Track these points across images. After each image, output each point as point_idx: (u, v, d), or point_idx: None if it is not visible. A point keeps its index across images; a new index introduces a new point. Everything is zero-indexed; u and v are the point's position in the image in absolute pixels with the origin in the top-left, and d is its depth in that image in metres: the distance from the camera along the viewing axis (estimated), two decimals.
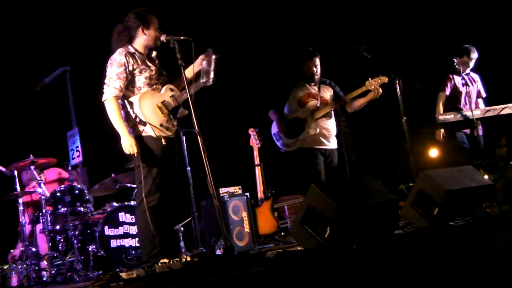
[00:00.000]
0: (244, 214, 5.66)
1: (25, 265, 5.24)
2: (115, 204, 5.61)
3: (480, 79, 6.25)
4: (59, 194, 5.48)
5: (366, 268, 2.86)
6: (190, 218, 5.98)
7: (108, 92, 4.02)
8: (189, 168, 5.70)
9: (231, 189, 5.88)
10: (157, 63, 4.24)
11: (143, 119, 3.99)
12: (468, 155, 5.98)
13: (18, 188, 5.49)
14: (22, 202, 5.46)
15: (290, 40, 7.87)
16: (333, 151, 5.44)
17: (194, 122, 3.76)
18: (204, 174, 3.67)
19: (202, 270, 3.06)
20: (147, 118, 4.00)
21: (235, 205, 5.72)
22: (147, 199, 3.97)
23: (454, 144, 6.10)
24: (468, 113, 5.61)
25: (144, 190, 4.00)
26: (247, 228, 5.62)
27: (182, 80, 3.98)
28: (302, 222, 3.45)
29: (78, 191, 5.54)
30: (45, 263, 5.30)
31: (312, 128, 5.32)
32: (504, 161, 6.61)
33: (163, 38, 4.05)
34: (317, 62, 5.43)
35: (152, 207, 3.98)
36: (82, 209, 5.50)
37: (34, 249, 5.45)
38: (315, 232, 3.37)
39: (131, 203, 5.57)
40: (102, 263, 5.18)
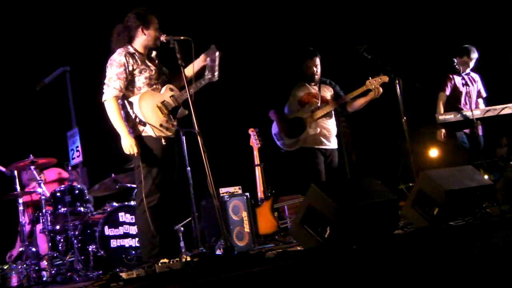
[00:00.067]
0: (244, 214, 5.66)
1: (25, 265, 5.24)
2: (115, 204, 5.62)
3: (480, 79, 6.25)
4: (59, 194, 5.48)
5: (366, 268, 2.86)
6: (190, 218, 5.98)
7: (108, 93, 4.02)
8: (189, 168, 5.69)
9: (231, 189, 5.87)
10: (157, 63, 4.24)
11: (143, 119, 3.99)
12: (468, 155, 5.98)
13: (18, 188, 5.49)
14: (22, 202, 5.46)
15: (290, 39, 7.87)
16: (333, 151, 5.44)
17: (194, 122, 3.76)
18: (204, 174, 3.67)
19: (202, 270, 3.06)
20: (147, 118, 4.00)
21: (235, 205, 5.72)
22: (147, 199, 3.97)
23: (454, 144, 6.10)
24: (468, 113, 5.62)
25: (144, 190, 4.00)
26: (247, 228, 5.62)
27: (182, 80, 3.98)
28: (302, 222, 3.45)
29: (78, 191, 5.54)
30: (45, 263, 5.30)
31: (312, 128, 5.31)
32: (504, 161, 6.60)
33: (163, 38, 4.05)
34: (317, 62, 5.43)
35: (152, 207, 3.98)
36: (82, 209, 5.50)
37: (34, 249, 5.45)
38: (315, 232, 3.37)
39: (131, 203, 5.57)
40: (102, 263, 5.18)
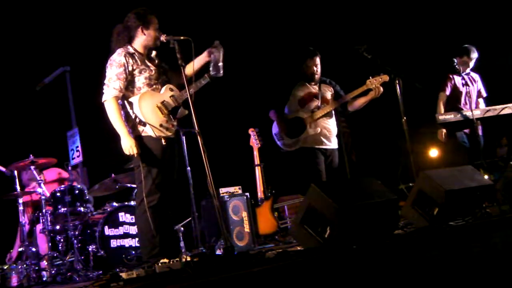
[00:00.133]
0: (244, 214, 5.66)
1: (25, 265, 5.24)
2: (115, 204, 5.62)
3: (481, 79, 6.25)
4: (59, 194, 5.48)
5: (366, 268, 2.86)
6: (190, 218, 5.97)
7: (108, 93, 4.01)
8: (189, 168, 5.69)
9: (231, 189, 5.87)
10: (156, 63, 4.24)
11: (142, 120, 3.99)
12: (468, 155, 5.98)
13: (18, 188, 5.49)
14: (22, 202, 5.46)
15: (290, 39, 7.86)
16: (333, 151, 5.43)
17: (194, 122, 3.76)
18: (204, 174, 3.67)
19: (202, 270, 3.06)
20: (147, 118, 4.00)
21: (235, 205, 5.72)
22: (147, 199, 3.97)
23: (454, 144, 6.10)
24: (468, 113, 5.61)
25: (144, 190, 4.00)
26: (247, 228, 5.62)
27: (182, 78, 3.98)
28: (302, 222, 3.45)
29: (78, 191, 5.54)
30: (45, 263, 5.30)
31: (312, 127, 5.31)
32: (504, 161, 6.61)
33: (163, 38, 4.05)
34: (317, 62, 5.43)
35: (152, 207, 3.98)
36: (82, 209, 5.50)
37: (34, 249, 5.45)
38: (315, 232, 3.37)
39: (131, 203, 5.57)
40: (102, 263, 5.18)
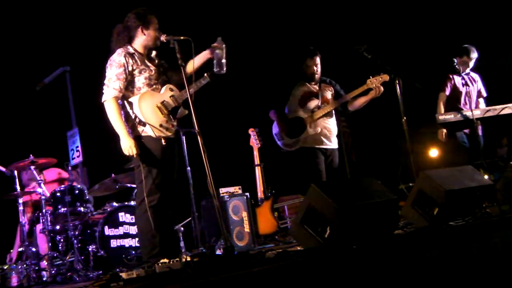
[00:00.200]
0: (244, 214, 5.66)
1: (25, 265, 5.24)
2: (115, 204, 5.62)
3: (481, 79, 6.25)
4: (59, 194, 5.48)
5: (366, 268, 2.86)
6: (190, 218, 5.98)
7: (108, 93, 4.01)
8: (189, 168, 5.69)
9: (231, 189, 5.87)
10: (156, 63, 4.24)
11: (142, 120, 3.99)
12: (468, 155, 5.98)
13: (18, 188, 5.48)
14: (22, 202, 5.46)
15: (290, 39, 7.86)
16: (334, 151, 5.43)
17: (194, 122, 3.75)
18: (204, 174, 3.67)
19: (202, 270, 3.06)
20: (147, 118, 3.99)
21: (235, 205, 5.71)
22: (147, 199, 3.97)
23: (454, 144, 6.10)
24: (468, 113, 5.61)
25: (145, 190, 4.00)
26: (247, 228, 5.62)
27: (182, 78, 3.97)
28: (302, 222, 3.45)
29: (78, 191, 5.54)
30: (45, 263, 5.30)
31: (313, 127, 5.31)
32: (504, 161, 6.60)
33: (163, 38, 4.05)
34: (317, 61, 5.42)
35: (152, 206, 3.98)
36: (82, 209, 5.50)
37: (34, 249, 5.45)
38: (315, 232, 3.37)
39: (131, 203, 5.57)
40: (102, 263, 5.18)
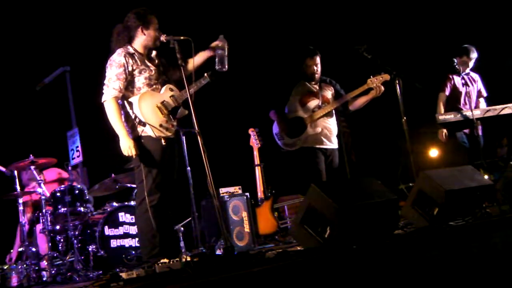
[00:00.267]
0: (244, 214, 5.66)
1: (25, 265, 5.24)
2: (115, 204, 5.62)
3: (480, 79, 6.25)
4: (59, 194, 5.48)
5: (366, 268, 2.86)
6: (190, 218, 5.97)
7: (108, 93, 4.01)
8: (189, 168, 5.69)
9: (231, 189, 5.87)
10: (156, 63, 4.23)
11: (142, 120, 3.99)
12: (468, 155, 5.98)
13: (18, 188, 5.48)
14: (22, 202, 5.46)
15: (290, 39, 7.86)
16: (334, 151, 5.43)
17: (194, 122, 3.76)
18: (204, 174, 3.67)
19: (202, 270, 3.06)
20: (147, 118, 3.99)
21: (235, 205, 5.71)
22: (147, 199, 3.97)
23: (454, 144, 6.10)
24: (468, 113, 5.61)
25: (145, 190, 4.00)
26: (247, 228, 5.62)
27: (182, 78, 3.97)
28: (302, 222, 3.45)
29: (78, 191, 5.54)
30: (45, 263, 5.30)
31: (313, 127, 5.31)
32: (504, 161, 6.60)
33: (163, 38, 4.05)
34: (317, 61, 5.42)
35: (152, 206, 3.98)
36: (82, 209, 5.49)
37: (34, 249, 5.45)
38: (315, 232, 3.37)
39: (131, 203, 5.57)
40: (102, 263, 5.18)
